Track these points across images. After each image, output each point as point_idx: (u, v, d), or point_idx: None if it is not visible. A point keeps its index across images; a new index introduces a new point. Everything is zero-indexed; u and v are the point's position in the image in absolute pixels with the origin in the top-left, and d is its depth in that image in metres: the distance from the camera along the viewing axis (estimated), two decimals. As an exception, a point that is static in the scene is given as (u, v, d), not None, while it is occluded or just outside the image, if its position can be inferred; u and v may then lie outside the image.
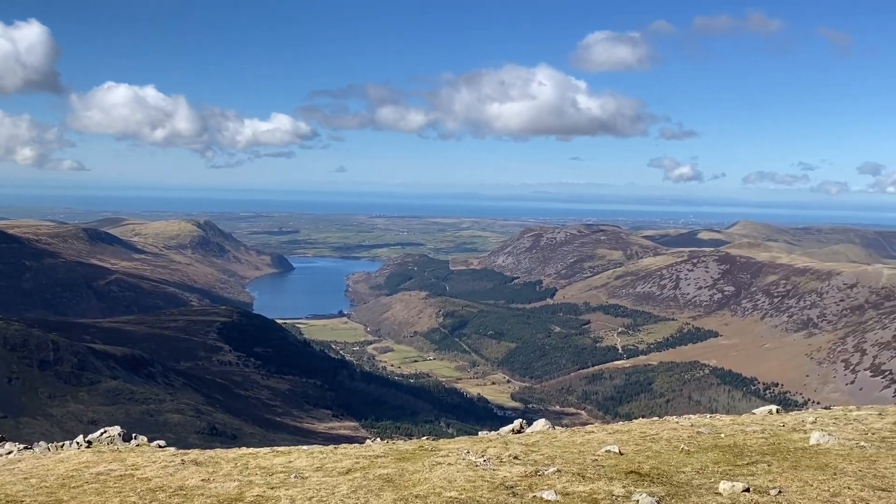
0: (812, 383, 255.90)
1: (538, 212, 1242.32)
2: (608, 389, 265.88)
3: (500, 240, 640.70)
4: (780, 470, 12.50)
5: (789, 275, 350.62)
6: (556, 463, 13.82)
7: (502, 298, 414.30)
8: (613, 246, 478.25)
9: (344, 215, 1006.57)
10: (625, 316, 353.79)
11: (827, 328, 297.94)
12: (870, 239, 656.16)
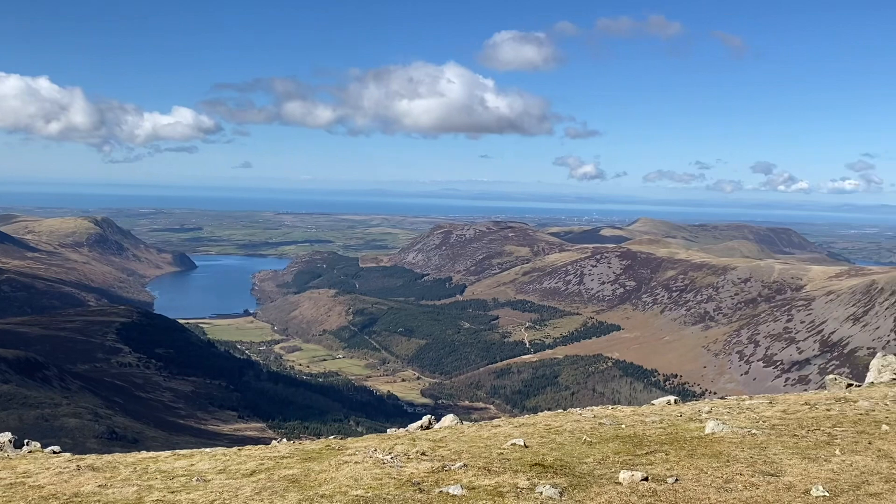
0: (709, 374, 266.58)
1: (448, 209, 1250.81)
2: (516, 383, 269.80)
3: (410, 237, 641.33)
4: (677, 458, 12.93)
5: (687, 270, 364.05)
6: (463, 458, 13.91)
7: (412, 295, 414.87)
8: (521, 242, 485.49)
9: (249, 212, 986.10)
10: (532, 311, 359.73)
11: (723, 321, 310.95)
12: (762, 235, 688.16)
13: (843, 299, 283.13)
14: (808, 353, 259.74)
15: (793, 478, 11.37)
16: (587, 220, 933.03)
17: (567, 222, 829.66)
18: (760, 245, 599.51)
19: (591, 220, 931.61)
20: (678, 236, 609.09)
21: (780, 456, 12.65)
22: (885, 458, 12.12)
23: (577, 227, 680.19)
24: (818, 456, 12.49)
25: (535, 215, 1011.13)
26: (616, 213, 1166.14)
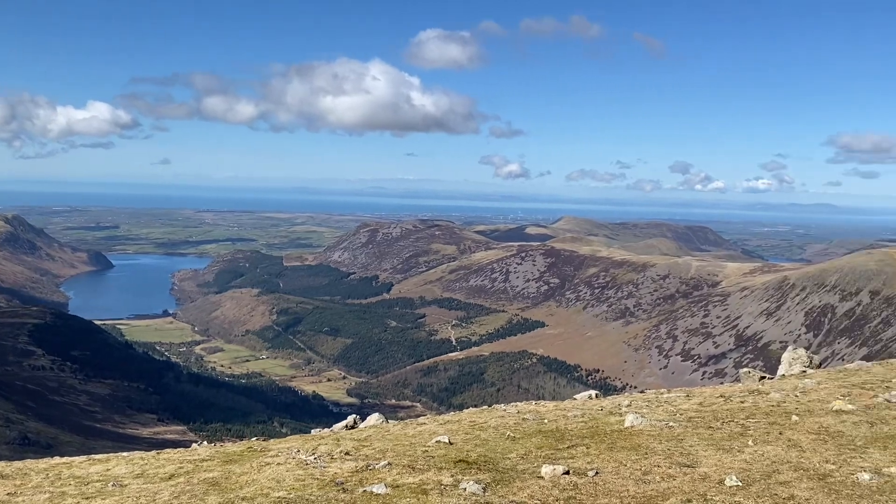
0: (630, 368, 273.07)
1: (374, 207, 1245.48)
2: (443, 381, 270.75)
3: (335, 235, 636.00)
4: (597, 452, 13.18)
5: (609, 267, 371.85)
6: (388, 456, 13.87)
7: (338, 294, 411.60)
8: (448, 241, 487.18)
9: (168, 210, 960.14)
10: (458, 309, 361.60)
11: (643, 317, 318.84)
12: (680, 233, 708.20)
13: (757, 295, 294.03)
14: (723, 347, 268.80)
15: (708, 468, 11.72)
16: (513, 218, 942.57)
17: (493, 220, 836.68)
18: (678, 243, 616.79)
19: (516, 218, 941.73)
20: (600, 234, 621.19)
21: (696, 447, 13.02)
22: (794, 448, 12.60)
23: (503, 226, 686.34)
24: (732, 447, 12.91)
25: (461, 214, 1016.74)
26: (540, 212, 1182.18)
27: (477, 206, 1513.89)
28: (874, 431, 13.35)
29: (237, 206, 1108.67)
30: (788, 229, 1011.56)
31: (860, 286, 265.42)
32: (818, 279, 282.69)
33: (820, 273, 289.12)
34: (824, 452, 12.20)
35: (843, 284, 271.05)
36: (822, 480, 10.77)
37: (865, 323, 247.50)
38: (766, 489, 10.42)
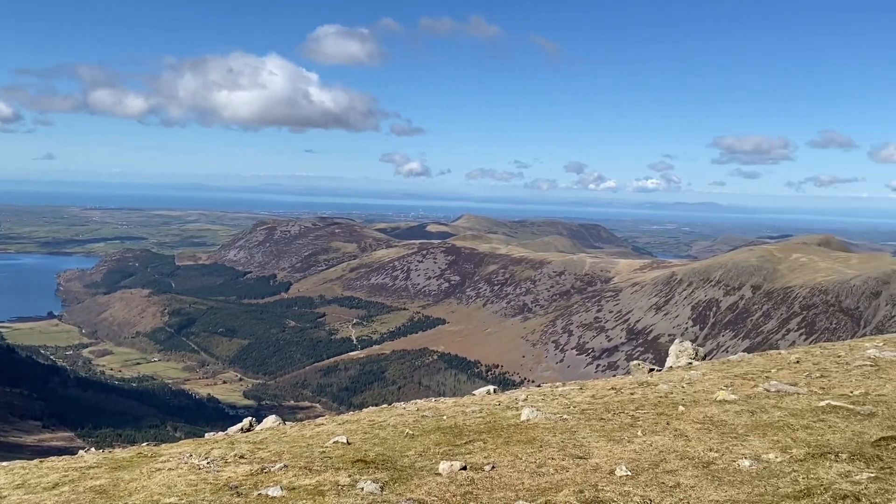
0: (527, 363, 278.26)
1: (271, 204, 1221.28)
2: (343, 381, 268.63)
3: (231, 233, 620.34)
4: (494, 446, 13.34)
5: (507, 264, 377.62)
6: (284, 458, 13.63)
7: (234, 294, 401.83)
8: (348, 239, 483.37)
9: (53, 207, 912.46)
10: (359, 307, 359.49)
11: (540, 312, 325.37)
12: (575, 231, 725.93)
13: (647, 290, 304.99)
14: (616, 340, 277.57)
15: (599, 459, 12.05)
16: (413, 216, 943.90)
17: (394, 219, 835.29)
18: (573, 240, 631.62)
19: (417, 216, 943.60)
20: (499, 232, 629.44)
21: (589, 439, 13.36)
22: (680, 437, 13.09)
23: (404, 224, 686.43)
24: (622, 437, 13.31)
25: (362, 211, 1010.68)
26: (441, 210, 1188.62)
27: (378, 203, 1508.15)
28: (754, 420, 14.03)
29: (126, 203, 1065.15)
30: (676, 227, 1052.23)
31: (743, 281, 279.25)
32: (704, 275, 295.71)
33: (705, 269, 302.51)
34: (708, 441, 12.74)
35: (726, 280, 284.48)
36: (706, 468, 11.24)
37: (748, 316, 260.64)
38: (653, 478, 10.80)
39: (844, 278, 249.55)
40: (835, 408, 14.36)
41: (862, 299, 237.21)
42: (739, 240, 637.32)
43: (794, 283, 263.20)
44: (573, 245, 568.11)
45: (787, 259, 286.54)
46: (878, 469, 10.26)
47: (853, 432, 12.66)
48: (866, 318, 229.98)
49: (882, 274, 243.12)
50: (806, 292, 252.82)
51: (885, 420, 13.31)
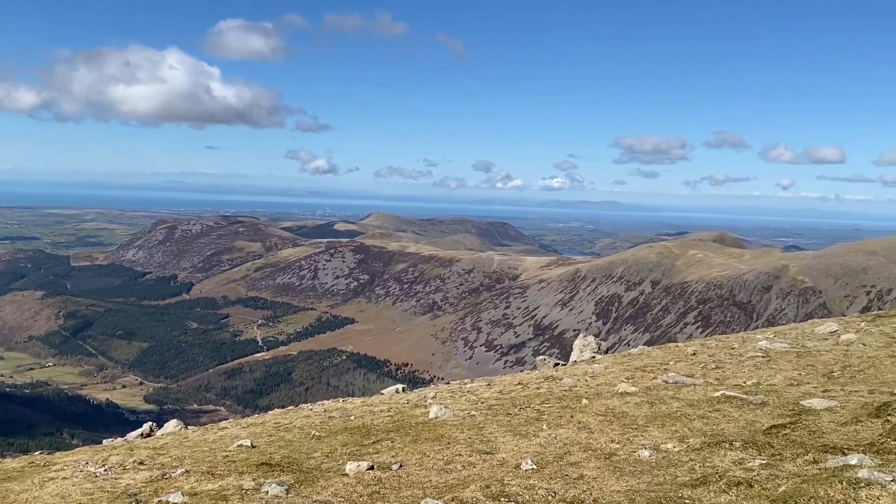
0: (437, 361, 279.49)
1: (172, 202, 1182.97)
2: (248, 383, 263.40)
3: (129, 233, 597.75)
4: (402, 445, 13.34)
5: (417, 262, 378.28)
6: (185, 464, 13.25)
7: (133, 295, 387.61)
8: (252, 238, 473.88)
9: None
10: (265, 308, 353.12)
11: (449, 310, 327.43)
12: (483, 229, 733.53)
13: (553, 287, 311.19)
14: (523, 336, 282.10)
15: (506, 454, 12.21)
16: (321, 214, 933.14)
17: (300, 217, 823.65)
18: (482, 238, 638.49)
19: (324, 214, 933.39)
20: (408, 230, 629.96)
21: (496, 434, 13.52)
22: (584, 430, 13.40)
23: (311, 222, 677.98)
24: (528, 432, 13.52)
25: (266, 210, 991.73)
26: (349, 208, 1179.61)
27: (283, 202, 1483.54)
28: (654, 411, 14.49)
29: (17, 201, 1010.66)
30: (580, 225, 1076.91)
31: (643, 277, 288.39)
32: (606, 271, 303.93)
33: (608, 265, 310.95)
34: (610, 433, 13.08)
35: (628, 276, 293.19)
36: (608, 459, 11.55)
37: (648, 310, 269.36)
38: (558, 471, 11.01)
39: (738, 273, 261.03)
40: (729, 398, 14.98)
41: (754, 293, 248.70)
42: (640, 237, 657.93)
43: (690, 279, 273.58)
44: (482, 243, 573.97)
45: (684, 255, 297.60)
46: (769, 456, 10.77)
47: (746, 421, 13.23)
48: (758, 311, 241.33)
49: (772, 269, 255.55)
50: (702, 287, 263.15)
51: (776, 409, 13.98)
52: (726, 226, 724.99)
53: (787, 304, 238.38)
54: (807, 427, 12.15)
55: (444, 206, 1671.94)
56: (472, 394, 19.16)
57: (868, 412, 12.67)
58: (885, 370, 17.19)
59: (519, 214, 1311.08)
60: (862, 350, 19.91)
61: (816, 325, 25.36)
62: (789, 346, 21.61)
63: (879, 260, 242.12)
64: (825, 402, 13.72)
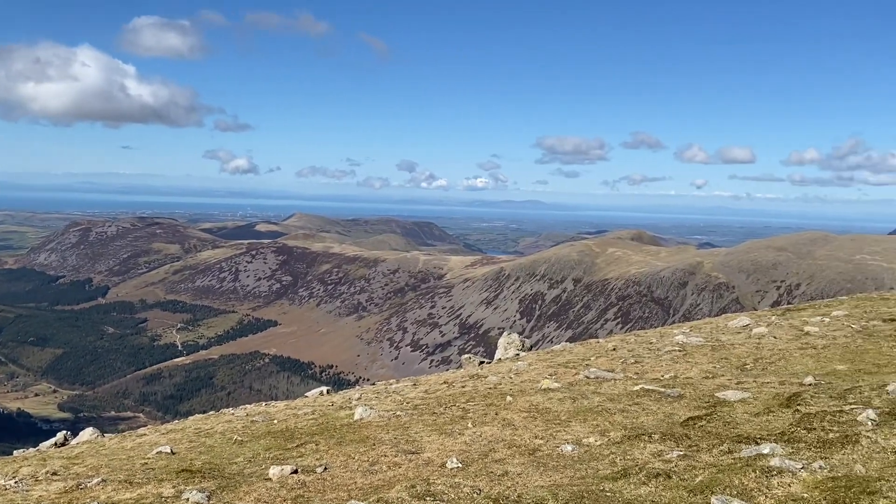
0: (363, 362, 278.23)
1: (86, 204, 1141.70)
2: (168, 388, 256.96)
3: (41, 235, 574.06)
4: (326, 448, 13.20)
5: (341, 263, 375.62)
6: (102, 473, 12.80)
7: (45, 300, 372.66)
8: (170, 240, 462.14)
9: None
10: (184, 311, 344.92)
11: (375, 311, 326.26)
12: (408, 229, 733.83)
13: (478, 286, 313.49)
14: (449, 335, 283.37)
15: (431, 453, 12.22)
16: (241, 215, 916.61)
17: (220, 218, 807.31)
18: (407, 238, 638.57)
19: (245, 215, 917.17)
20: (332, 231, 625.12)
21: (421, 434, 13.52)
22: (508, 427, 13.52)
23: (231, 223, 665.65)
24: (454, 430, 13.57)
25: (185, 211, 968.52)
26: (271, 209, 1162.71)
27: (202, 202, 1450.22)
28: (576, 406, 14.74)
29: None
30: (504, 224, 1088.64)
31: (565, 275, 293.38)
32: (530, 269, 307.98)
33: (531, 264, 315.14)
34: (534, 429, 13.24)
35: (550, 274, 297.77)
36: (532, 455, 11.68)
37: (570, 308, 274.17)
38: (483, 468, 11.08)
39: (655, 270, 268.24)
40: (647, 391, 15.36)
41: (671, 289, 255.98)
42: (561, 236, 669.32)
43: (610, 276, 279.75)
44: (407, 243, 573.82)
45: (604, 253, 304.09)
46: (687, 447, 11.08)
47: (664, 414, 13.59)
48: (675, 306, 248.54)
49: (688, 266, 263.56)
50: (621, 284, 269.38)
51: (692, 401, 14.40)
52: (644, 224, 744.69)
53: (702, 299, 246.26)
54: (722, 418, 12.55)
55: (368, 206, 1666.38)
56: (398, 394, 19.12)
57: (779, 402, 13.17)
58: (795, 362, 17.92)
59: (444, 214, 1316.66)
60: (773, 343, 20.70)
61: (730, 320, 26.25)
62: (704, 340, 22.30)
63: (788, 256, 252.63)
64: (739, 393, 14.20)
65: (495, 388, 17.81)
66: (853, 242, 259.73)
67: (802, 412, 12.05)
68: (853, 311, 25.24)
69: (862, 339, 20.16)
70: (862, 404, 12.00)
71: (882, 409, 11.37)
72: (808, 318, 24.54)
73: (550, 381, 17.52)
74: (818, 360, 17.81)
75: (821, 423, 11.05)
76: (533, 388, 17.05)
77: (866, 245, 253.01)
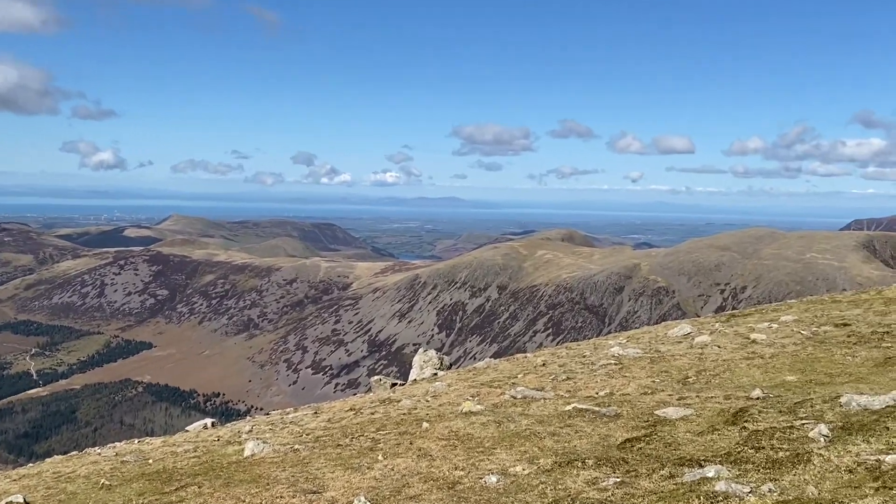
0: (255, 388, 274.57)
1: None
2: (21, 426, 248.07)
3: None
4: (211, 490, 12.94)
5: (228, 273, 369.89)
6: (-65, 533, 12.24)
7: None
8: (21, 249, 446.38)
9: None
10: (40, 334, 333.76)
11: (268, 328, 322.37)
12: (307, 232, 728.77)
13: (389, 296, 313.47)
14: (357, 354, 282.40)
15: (336, 492, 12.11)
16: (107, 218, 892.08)
17: (81, 222, 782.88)
18: (305, 242, 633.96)
19: (111, 218, 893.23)
20: (217, 235, 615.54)
21: (324, 470, 13.40)
22: (424, 458, 13.54)
23: (95, 228, 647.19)
24: (362, 464, 13.49)
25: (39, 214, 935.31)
26: (142, 210, 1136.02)
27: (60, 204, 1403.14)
28: (501, 431, 14.88)
29: None
30: (418, 225, 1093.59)
31: (488, 281, 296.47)
32: (448, 276, 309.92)
33: (450, 270, 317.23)
34: (454, 459, 13.29)
35: (472, 280, 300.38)
36: (451, 489, 11.72)
37: (494, 319, 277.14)
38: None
39: (588, 274, 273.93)
40: (581, 411, 15.64)
41: (606, 295, 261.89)
42: (484, 237, 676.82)
43: (539, 282, 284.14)
44: (306, 248, 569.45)
45: (532, 256, 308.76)
46: (624, 473, 11.32)
47: (599, 436, 13.86)
48: (610, 314, 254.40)
49: (624, 269, 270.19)
50: (552, 290, 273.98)
51: (630, 420, 14.73)
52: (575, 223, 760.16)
53: (640, 305, 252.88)
54: (662, 439, 12.88)
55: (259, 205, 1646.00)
56: (297, 424, 18.92)
57: (724, 419, 13.61)
58: (741, 373, 18.56)
59: (348, 214, 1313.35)
60: (717, 353, 21.40)
61: (670, 328, 27.00)
62: (643, 351, 22.87)
63: (732, 256, 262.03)
64: (681, 410, 14.61)
65: (410, 413, 17.82)
66: (802, 240, 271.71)
67: (750, 429, 12.47)
68: (803, 316, 26.32)
69: (813, 346, 21.05)
70: (814, 419, 12.50)
71: (835, 424, 11.87)
72: (754, 324, 25.46)
73: (472, 403, 17.64)
74: (766, 371, 18.50)
75: (769, 440, 11.46)
76: (453, 411, 17.13)
77: (816, 242, 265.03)
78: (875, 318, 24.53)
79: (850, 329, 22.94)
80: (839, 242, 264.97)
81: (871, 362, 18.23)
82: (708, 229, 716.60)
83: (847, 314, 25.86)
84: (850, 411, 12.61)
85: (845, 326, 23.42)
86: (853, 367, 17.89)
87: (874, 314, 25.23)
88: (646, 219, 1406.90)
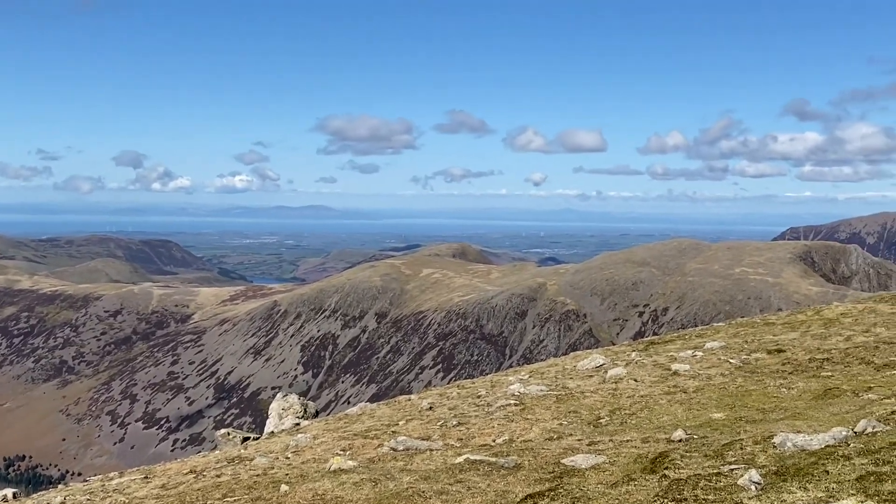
0: (71, 448, 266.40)
1: None
2: None
3: None
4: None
5: (34, 304, 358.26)
6: None
7: None
8: None
9: None
10: None
11: (87, 372, 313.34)
12: (136, 251, 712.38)
13: (241, 328, 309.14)
14: (200, 402, 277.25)
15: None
16: None
17: None
18: (134, 264, 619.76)
19: None
20: (18, 256, 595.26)
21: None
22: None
23: None
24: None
25: None
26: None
27: None
28: (378, 491, 14.85)
29: None
30: (277, 240, 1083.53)
31: (365, 308, 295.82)
32: (315, 303, 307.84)
33: (317, 295, 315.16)
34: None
35: (344, 308, 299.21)
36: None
37: (373, 353, 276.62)
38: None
39: (485, 297, 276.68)
40: (474, 463, 15.76)
41: (506, 322, 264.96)
42: (358, 254, 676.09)
43: (426, 307, 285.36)
44: (133, 271, 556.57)
45: (417, 276, 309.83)
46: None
47: (496, 492, 13.99)
48: (512, 344, 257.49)
49: (527, 289, 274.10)
50: (441, 317, 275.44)
51: (532, 472, 14.92)
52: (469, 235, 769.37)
53: (547, 333, 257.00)
54: (570, 493, 13.10)
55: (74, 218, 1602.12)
56: (122, 493, 18.47)
57: (642, 466, 13.95)
58: (661, 411, 19.08)
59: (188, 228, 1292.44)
60: (633, 387, 21.94)
61: (580, 359, 27.55)
62: (548, 388, 23.25)
63: (651, 272, 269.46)
64: (591, 458, 14.90)
65: (265, 474, 17.61)
66: (731, 252, 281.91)
67: (671, 478, 12.81)
68: (732, 342, 27.28)
69: (743, 377, 21.83)
70: (744, 463, 12.93)
71: (768, 469, 12.30)
72: (676, 352, 26.24)
73: (343, 458, 17.57)
74: (690, 408, 19.07)
75: (693, 491, 11.80)
76: (319, 470, 17.02)
77: (747, 255, 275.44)
78: (813, 342, 25.61)
79: (785, 356, 23.90)
80: (773, 255, 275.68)
81: (809, 395, 19.02)
82: (623, 241, 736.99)
83: (781, 339, 26.92)
84: (785, 453, 13.07)
85: (780, 353, 24.37)
86: (788, 401, 18.62)
87: (812, 338, 26.34)
88: (551, 229, 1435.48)
